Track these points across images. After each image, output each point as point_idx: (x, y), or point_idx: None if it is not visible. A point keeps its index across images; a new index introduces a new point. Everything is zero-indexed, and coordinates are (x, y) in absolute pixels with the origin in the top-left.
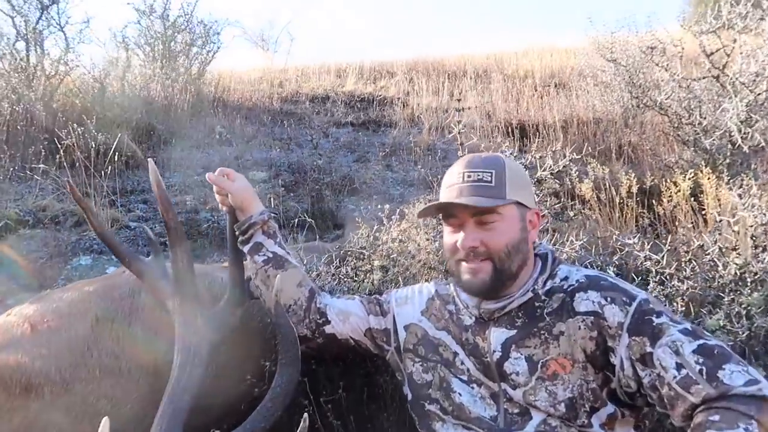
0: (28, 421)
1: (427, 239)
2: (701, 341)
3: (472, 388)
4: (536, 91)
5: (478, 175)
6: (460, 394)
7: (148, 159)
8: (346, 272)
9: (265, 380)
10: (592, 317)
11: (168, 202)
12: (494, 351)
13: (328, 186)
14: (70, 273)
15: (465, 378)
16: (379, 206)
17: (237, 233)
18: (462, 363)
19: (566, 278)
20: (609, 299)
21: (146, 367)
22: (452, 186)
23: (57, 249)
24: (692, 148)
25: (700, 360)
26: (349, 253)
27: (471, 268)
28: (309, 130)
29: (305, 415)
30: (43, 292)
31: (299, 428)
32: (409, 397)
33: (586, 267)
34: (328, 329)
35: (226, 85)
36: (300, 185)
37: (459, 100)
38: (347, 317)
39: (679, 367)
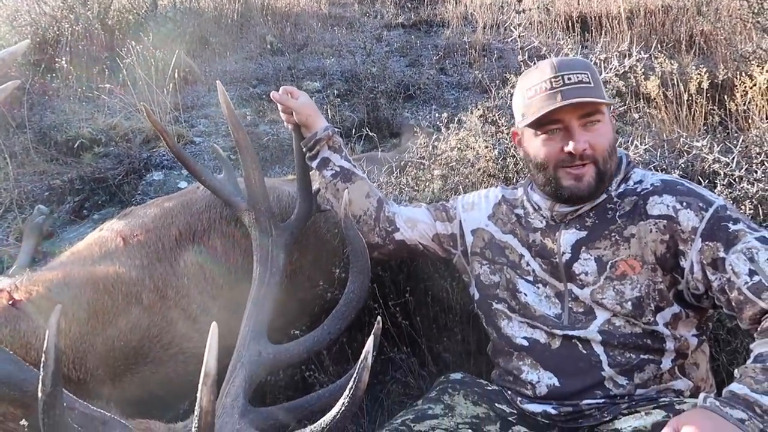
0: (131, 324)
1: (486, 147)
2: None
3: (538, 287)
4: None
5: (578, 77)
6: (525, 294)
7: (216, 82)
8: (407, 182)
9: (336, 286)
10: (666, 221)
11: (237, 122)
12: (563, 252)
13: (383, 94)
14: (145, 188)
15: (530, 279)
16: (436, 114)
17: (304, 150)
18: (528, 264)
19: (640, 182)
20: (684, 204)
21: (227, 275)
22: (550, 91)
23: (131, 166)
24: None
25: None
26: (409, 163)
27: (575, 173)
28: (360, 35)
29: (378, 317)
30: (127, 209)
31: (374, 329)
32: (476, 296)
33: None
34: (397, 236)
35: None
36: (354, 94)
37: (520, 1)
38: (415, 224)
39: (752, 273)
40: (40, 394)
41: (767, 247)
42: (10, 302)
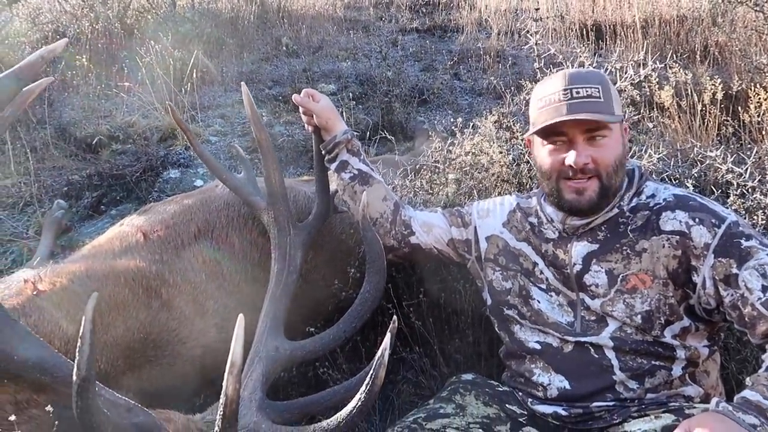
0: (151, 317)
1: (500, 152)
2: None
3: (551, 296)
4: None
5: (587, 91)
6: (538, 302)
7: (242, 83)
8: (421, 185)
9: (350, 285)
10: (678, 236)
11: (260, 123)
12: (575, 264)
13: (397, 98)
14: (161, 185)
15: (544, 287)
16: (450, 118)
17: (323, 152)
18: (541, 273)
19: (653, 196)
20: (697, 220)
21: (244, 272)
22: (558, 103)
23: (148, 163)
24: None
25: None
26: (423, 166)
27: (576, 186)
28: (375, 38)
29: (394, 317)
30: (147, 205)
31: (390, 327)
32: (489, 302)
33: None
34: (413, 240)
35: None
36: (369, 97)
37: (537, 9)
38: (430, 229)
39: (764, 289)
40: (75, 378)
41: None
42: (35, 293)
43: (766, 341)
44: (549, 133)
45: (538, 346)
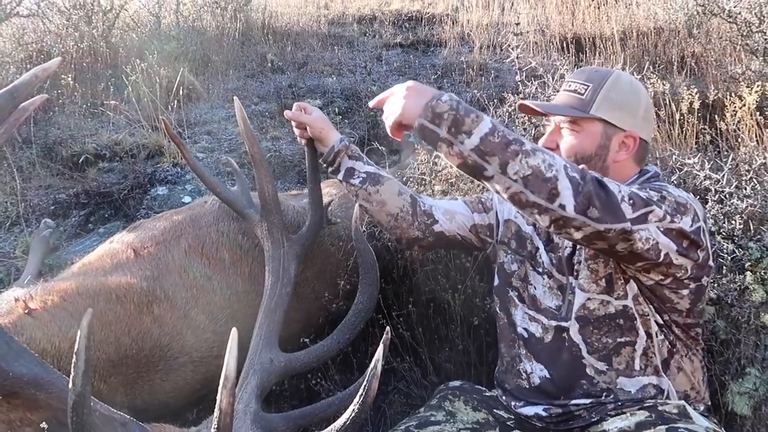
0: (143, 333)
1: None
2: None
3: (544, 279)
4: (593, 1)
5: (575, 86)
6: (534, 287)
7: (234, 97)
8: None
9: (341, 297)
10: None
11: (253, 137)
12: (566, 246)
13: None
14: (149, 202)
15: (540, 270)
16: None
17: (325, 165)
18: (540, 256)
19: None
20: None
21: (234, 286)
22: (559, 91)
23: (136, 180)
24: (761, 58)
25: None
26: (410, 179)
27: None
28: (360, 54)
29: (387, 328)
30: (136, 222)
31: (383, 338)
32: (496, 282)
33: None
34: (437, 228)
35: (272, 11)
36: (355, 112)
37: (518, 24)
38: (453, 216)
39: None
40: (70, 393)
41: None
42: (26, 311)
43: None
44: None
45: (525, 334)
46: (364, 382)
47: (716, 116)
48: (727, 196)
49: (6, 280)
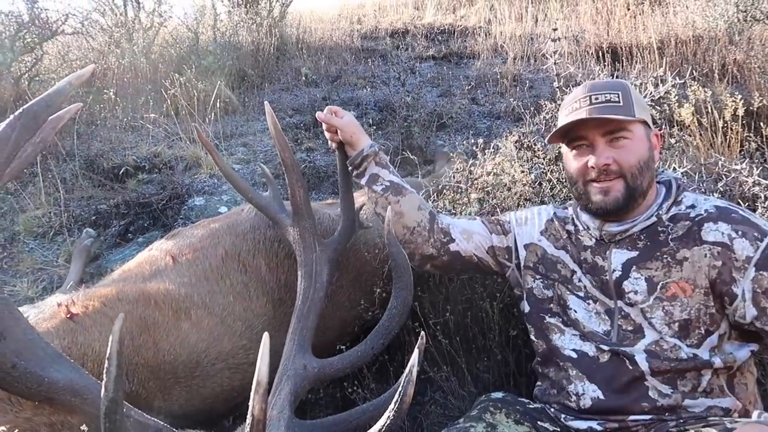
0: (180, 339)
1: (522, 171)
2: None
3: (588, 304)
4: (628, 10)
5: (606, 96)
6: (575, 311)
7: (265, 102)
8: (444, 205)
9: (377, 305)
10: (720, 248)
11: (285, 143)
12: (614, 270)
13: (416, 122)
14: (187, 212)
15: (582, 294)
16: (470, 140)
17: (351, 168)
18: (579, 281)
19: (693, 206)
20: (740, 233)
21: (271, 293)
22: (579, 110)
23: (173, 191)
24: None
25: None
26: (446, 187)
27: (602, 187)
28: (393, 66)
29: (422, 333)
30: (175, 230)
31: (418, 342)
32: (527, 310)
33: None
34: (452, 247)
35: (306, 26)
36: (389, 123)
37: (555, 29)
38: (470, 236)
39: None
40: (102, 398)
41: None
42: (68, 315)
43: None
44: (572, 138)
45: (574, 354)
46: (400, 388)
47: (761, 124)
48: None
49: (49, 288)
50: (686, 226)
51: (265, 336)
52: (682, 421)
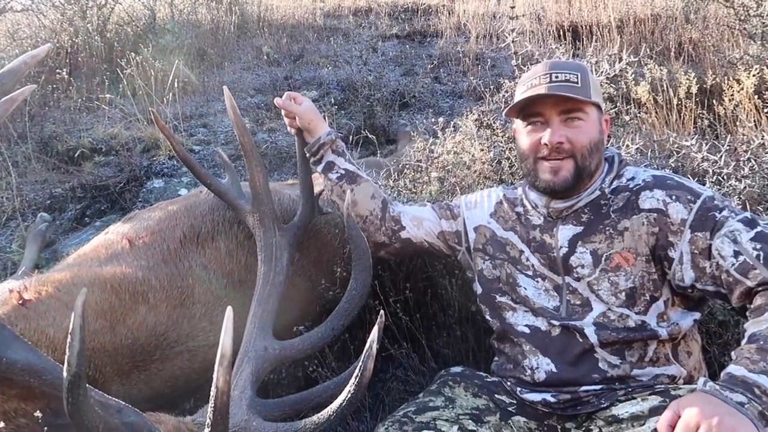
0: (138, 323)
1: (482, 150)
2: (759, 228)
3: (537, 282)
4: None
5: (566, 76)
6: (525, 288)
7: (224, 87)
8: (405, 184)
9: (338, 285)
10: (656, 214)
11: (243, 127)
12: (561, 247)
13: (379, 102)
14: (145, 195)
15: (530, 273)
16: (432, 119)
17: (308, 155)
18: (528, 260)
19: (633, 178)
20: (674, 197)
21: (231, 276)
22: (538, 86)
23: (131, 174)
24: (759, 42)
25: (758, 246)
26: (406, 166)
27: (552, 166)
28: (355, 45)
29: (381, 311)
30: (131, 213)
31: (377, 320)
32: (479, 291)
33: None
34: (403, 234)
35: (268, 4)
36: (351, 102)
37: (513, 7)
38: (421, 222)
39: (736, 254)
40: (65, 374)
41: (749, 228)
42: (20, 302)
43: (744, 302)
44: (528, 114)
45: (527, 330)
46: (360, 363)
47: (714, 101)
48: (725, 177)
49: (2, 274)
50: (626, 196)
51: (229, 310)
52: (630, 389)
